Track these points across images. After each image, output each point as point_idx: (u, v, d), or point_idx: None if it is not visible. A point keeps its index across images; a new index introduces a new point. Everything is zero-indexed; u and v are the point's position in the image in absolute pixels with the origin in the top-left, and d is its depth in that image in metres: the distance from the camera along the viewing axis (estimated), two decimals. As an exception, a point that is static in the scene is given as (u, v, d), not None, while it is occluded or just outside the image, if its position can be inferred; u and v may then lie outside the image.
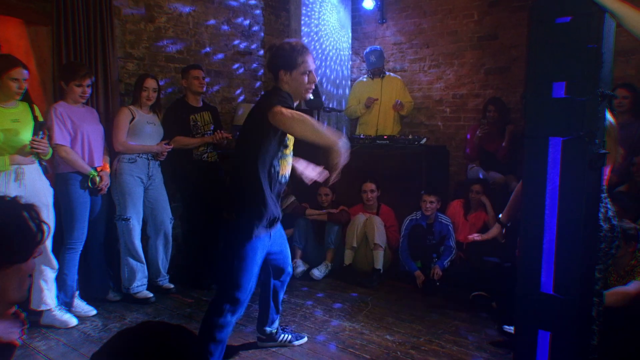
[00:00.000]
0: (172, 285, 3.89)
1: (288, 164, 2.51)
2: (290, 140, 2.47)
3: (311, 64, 2.43)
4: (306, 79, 2.42)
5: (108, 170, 3.54)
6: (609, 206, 1.92)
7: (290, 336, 3.01)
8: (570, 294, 1.66)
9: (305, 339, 3.06)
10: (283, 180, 2.49)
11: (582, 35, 1.54)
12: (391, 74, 5.32)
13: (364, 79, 5.39)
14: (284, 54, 2.40)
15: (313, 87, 2.47)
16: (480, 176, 4.62)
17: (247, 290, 2.42)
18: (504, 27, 4.90)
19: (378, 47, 5.34)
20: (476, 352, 2.93)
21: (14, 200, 1.28)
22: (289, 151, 2.50)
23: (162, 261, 3.88)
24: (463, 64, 5.20)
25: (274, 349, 2.95)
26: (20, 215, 1.29)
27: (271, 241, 2.55)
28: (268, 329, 2.94)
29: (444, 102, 5.38)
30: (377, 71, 5.23)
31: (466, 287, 3.75)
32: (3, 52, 3.92)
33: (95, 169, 3.41)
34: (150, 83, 3.69)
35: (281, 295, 2.96)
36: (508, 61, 4.90)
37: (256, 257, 2.42)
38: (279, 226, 2.65)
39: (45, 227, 1.29)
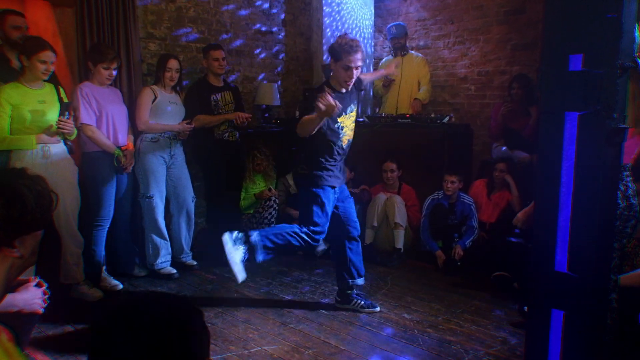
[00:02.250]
0: (195, 262, 3.98)
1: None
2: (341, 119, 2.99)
3: (354, 61, 2.83)
4: (344, 73, 2.87)
5: (132, 149, 3.62)
6: (629, 184, 1.86)
7: (362, 302, 3.21)
8: (585, 272, 1.62)
9: (378, 308, 3.21)
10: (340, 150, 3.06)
11: (601, 4, 1.47)
12: (414, 52, 5.19)
13: (389, 57, 5.28)
14: (336, 47, 2.87)
15: (351, 81, 2.91)
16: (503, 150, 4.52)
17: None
18: (531, 1, 4.73)
19: (401, 22, 5.22)
20: (494, 331, 2.91)
21: (26, 172, 1.34)
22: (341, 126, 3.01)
23: (185, 238, 3.97)
24: (489, 40, 5.06)
25: (302, 325, 3.00)
26: (37, 185, 1.35)
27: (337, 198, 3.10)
28: (343, 290, 3.23)
29: (469, 80, 5.25)
30: (398, 46, 5.08)
31: (488, 267, 3.71)
32: (31, 34, 4.02)
33: (120, 147, 3.49)
34: (173, 64, 3.73)
35: (353, 258, 3.21)
36: (536, 36, 4.73)
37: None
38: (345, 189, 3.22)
39: (54, 197, 1.36)
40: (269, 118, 4.91)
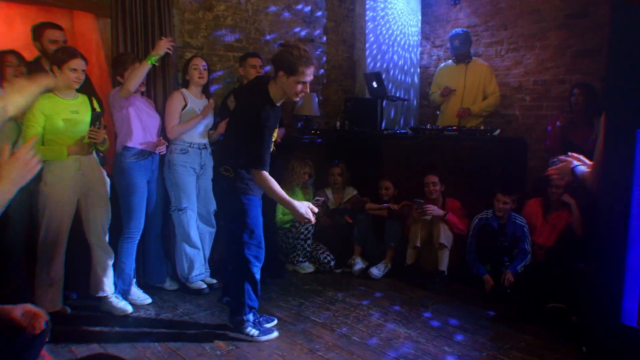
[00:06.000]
0: (214, 280, 3.81)
1: None
2: None
3: (308, 76, 2.70)
4: (299, 87, 2.71)
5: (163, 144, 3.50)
6: None
7: (257, 331, 2.97)
8: (661, 327, 1.32)
9: (275, 334, 3.00)
10: None
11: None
12: (478, 59, 4.85)
13: (449, 64, 4.93)
14: (289, 59, 2.65)
15: (303, 94, 2.79)
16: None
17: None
18: (595, 3, 4.32)
19: (462, 29, 4.82)
20: (547, 374, 2.58)
21: None
22: None
23: (206, 251, 3.83)
24: (546, 47, 4.67)
25: (332, 354, 2.77)
26: None
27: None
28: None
29: (524, 90, 4.88)
30: (461, 56, 4.76)
31: (542, 296, 3.35)
32: (77, 45, 4.07)
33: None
34: (199, 61, 3.61)
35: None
36: (600, 42, 4.31)
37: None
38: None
39: None
40: (303, 128, 4.74)
